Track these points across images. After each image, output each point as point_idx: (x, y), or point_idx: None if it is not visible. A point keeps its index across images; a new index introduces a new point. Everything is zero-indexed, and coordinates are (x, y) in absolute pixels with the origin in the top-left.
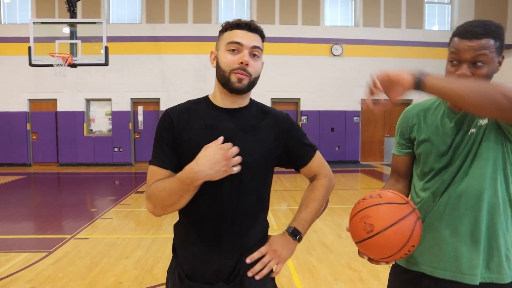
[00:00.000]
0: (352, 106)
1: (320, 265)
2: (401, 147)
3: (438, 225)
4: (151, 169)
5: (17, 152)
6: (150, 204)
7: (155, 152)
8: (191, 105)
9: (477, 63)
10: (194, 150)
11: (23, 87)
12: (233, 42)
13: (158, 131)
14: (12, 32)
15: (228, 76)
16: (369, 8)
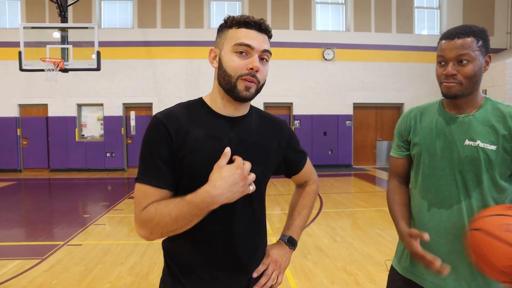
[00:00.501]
0: (344, 110)
1: (316, 269)
2: (400, 149)
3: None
4: (143, 189)
5: (7, 158)
6: (145, 230)
7: (146, 168)
8: (186, 110)
9: (462, 61)
10: (197, 165)
11: (13, 92)
12: (242, 44)
13: (150, 143)
14: (1, 36)
15: (235, 83)
16: (360, 13)
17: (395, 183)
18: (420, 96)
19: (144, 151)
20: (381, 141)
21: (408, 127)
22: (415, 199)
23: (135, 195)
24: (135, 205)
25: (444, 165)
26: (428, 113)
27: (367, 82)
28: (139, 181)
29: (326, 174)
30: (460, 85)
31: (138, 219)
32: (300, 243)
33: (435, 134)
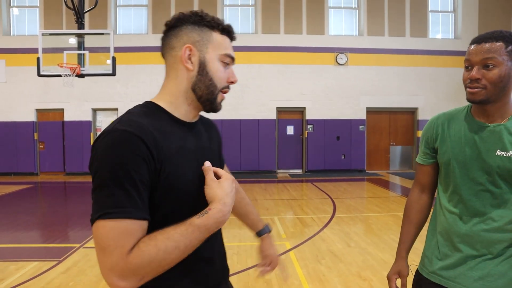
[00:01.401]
0: (357, 115)
1: (330, 274)
2: (425, 156)
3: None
4: (122, 226)
5: (24, 161)
6: (134, 278)
7: (122, 196)
8: (148, 119)
9: (488, 65)
10: (178, 182)
11: (31, 97)
12: (230, 56)
13: (125, 164)
14: (21, 43)
15: (216, 95)
16: (373, 17)
17: (417, 192)
18: (435, 101)
19: (117, 174)
20: (394, 146)
21: (435, 134)
22: (444, 208)
23: (107, 236)
24: (108, 250)
25: (475, 175)
26: (456, 120)
27: (380, 87)
28: (114, 216)
29: (339, 179)
30: (485, 90)
31: (121, 268)
32: (314, 248)
33: (464, 142)
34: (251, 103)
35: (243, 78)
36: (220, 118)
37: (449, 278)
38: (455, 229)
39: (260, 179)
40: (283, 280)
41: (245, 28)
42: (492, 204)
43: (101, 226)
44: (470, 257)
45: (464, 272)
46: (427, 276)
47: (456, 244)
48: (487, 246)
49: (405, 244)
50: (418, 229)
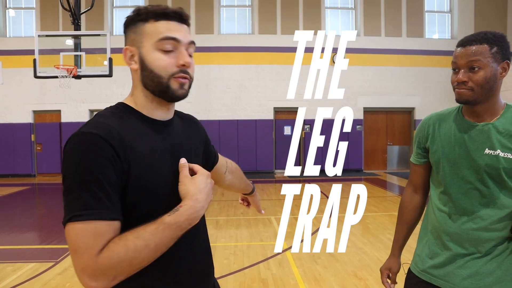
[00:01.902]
0: (354, 115)
1: (326, 273)
2: (417, 156)
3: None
4: (91, 228)
5: (21, 163)
6: (105, 279)
7: (89, 198)
8: (117, 120)
9: (474, 68)
10: (150, 182)
11: (28, 99)
12: (167, 37)
13: (91, 166)
14: (17, 45)
15: (167, 83)
16: (370, 17)
17: (410, 192)
18: (431, 101)
19: (83, 177)
20: (392, 146)
21: (426, 134)
22: (435, 206)
23: (77, 238)
24: (79, 252)
25: (464, 173)
26: (447, 120)
27: (377, 87)
28: (82, 218)
29: (336, 179)
30: (471, 91)
31: (92, 269)
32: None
33: (454, 142)
34: (249, 103)
35: (240, 78)
36: (217, 119)
37: (438, 277)
38: (444, 227)
39: (257, 179)
40: (258, 212)
41: (242, 28)
42: (481, 203)
43: (71, 228)
44: (459, 256)
45: (453, 270)
46: (418, 274)
47: (446, 243)
48: (475, 244)
49: (398, 242)
50: (411, 228)
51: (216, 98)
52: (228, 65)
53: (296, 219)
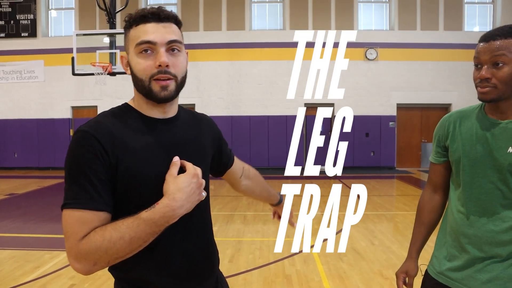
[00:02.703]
0: (387, 111)
1: (351, 271)
2: (437, 155)
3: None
4: (78, 215)
5: (61, 157)
6: (86, 262)
7: (79, 190)
8: (113, 118)
9: (498, 63)
10: (140, 176)
11: (67, 95)
12: (142, 42)
13: (80, 161)
14: (58, 44)
15: (149, 86)
16: (405, 11)
17: (429, 192)
18: (469, 96)
19: (74, 170)
20: (426, 143)
21: (446, 132)
22: (454, 206)
23: (66, 224)
24: (67, 236)
25: (486, 173)
26: (468, 118)
27: (411, 82)
28: (71, 206)
29: (367, 176)
30: (495, 89)
31: (75, 252)
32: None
33: (476, 140)
34: (280, 99)
35: (272, 74)
36: (248, 115)
37: (456, 280)
38: (462, 229)
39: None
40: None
41: (273, 24)
42: (502, 204)
43: (63, 215)
44: (478, 259)
45: (471, 274)
46: (434, 276)
47: (464, 245)
48: (495, 248)
49: (415, 245)
50: (430, 229)
51: (247, 94)
52: (259, 61)
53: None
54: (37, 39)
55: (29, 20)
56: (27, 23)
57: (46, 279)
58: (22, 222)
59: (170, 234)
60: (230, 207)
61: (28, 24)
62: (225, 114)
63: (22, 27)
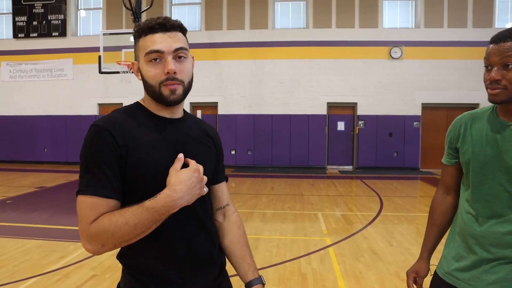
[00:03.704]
0: (412, 111)
1: (368, 272)
2: (448, 156)
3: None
4: (90, 201)
5: None
6: (95, 244)
7: (92, 178)
8: (125, 115)
9: (508, 65)
10: (151, 168)
11: (94, 93)
12: (151, 51)
13: (95, 152)
14: (86, 43)
15: (159, 91)
16: (431, 8)
17: (441, 193)
18: None
19: (88, 160)
20: None
21: (457, 134)
22: (463, 207)
23: (80, 208)
24: (80, 219)
25: (494, 175)
26: (480, 120)
27: (437, 81)
28: (84, 192)
29: (390, 176)
30: (505, 90)
31: (86, 234)
32: (354, 245)
33: (486, 142)
34: (302, 98)
35: (294, 73)
36: (270, 113)
37: (463, 280)
38: (470, 230)
39: (309, 175)
40: None
41: (296, 23)
42: (510, 206)
43: (77, 200)
44: (485, 260)
45: (478, 275)
46: (442, 276)
47: (472, 246)
48: (502, 249)
49: (427, 245)
50: (442, 230)
51: (269, 93)
52: (282, 60)
53: (343, 216)
54: (66, 39)
55: (59, 20)
56: (58, 23)
57: (69, 268)
58: (50, 214)
59: (173, 224)
60: (250, 204)
61: (59, 24)
62: (247, 113)
63: (53, 27)
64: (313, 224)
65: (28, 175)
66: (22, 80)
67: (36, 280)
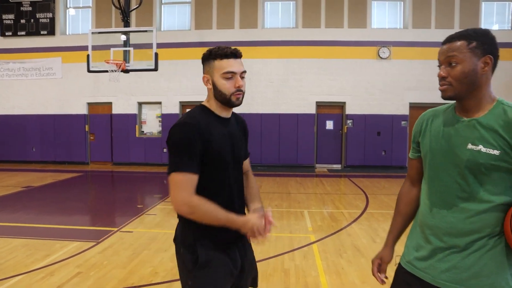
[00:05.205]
0: (400, 110)
1: (349, 268)
2: (412, 150)
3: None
4: (188, 176)
5: (76, 151)
6: (189, 209)
7: (188, 159)
8: (200, 115)
9: (451, 63)
10: (219, 152)
11: (83, 92)
12: (228, 72)
13: (189, 140)
14: (75, 41)
15: (229, 98)
16: (419, 9)
17: (407, 185)
18: None
19: (184, 146)
20: None
21: (419, 129)
22: (422, 199)
23: (179, 180)
24: (179, 189)
25: (447, 167)
26: (440, 115)
27: (425, 81)
28: (182, 169)
29: (378, 175)
30: (451, 86)
31: (187, 201)
32: (338, 242)
33: (442, 136)
34: (291, 97)
35: (283, 73)
36: (259, 112)
37: (420, 269)
38: (426, 220)
39: (297, 173)
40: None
41: (286, 22)
42: (460, 197)
43: (177, 175)
44: (439, 249)
45: (433, 263)
46: (404, 265)
47: (428, 236)
48: (454, 238)
49: (392, 233)
50: (407, 220)
51: (259, 92)
52: (271, 59)
53: (329, 213)
54: (55, 37)
55: (48, 19)
56: (46, 21)
57: (54, 266)
58: (36, 213)
59: (228, 196)
60: None
61: (47, 23)
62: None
63: (42, 25)
64: (298, 221)
65: (16, 175)
66: (10, 79)
67: (20, 278)
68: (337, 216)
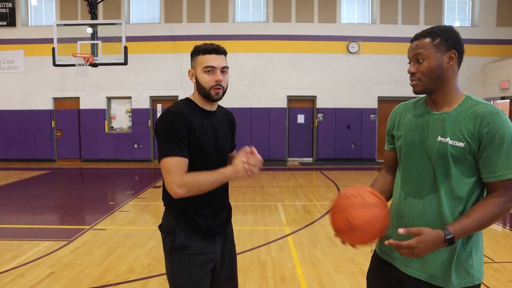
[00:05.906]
0: (369, 104)
1: (324, 258)
2: (387, 142)
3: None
4: (177, 160)
5: (42, 148)
6: (184, 189)
7: (174, 145)
8: (185, 106)
9: (418, 59)
10: (199, 144)
11: (48, 86)
12: (208, 66)
13: (175, 128)
14: (38, 34)
15: (209, 91)
16: (387, 5)
17: (383, 173)
18: None
19: (170, 133)
20: None
21: (393, 123)
22: (396, 188)
23: (169, 165)
24: (171, 173)
25: (420, 159)
26: (412, 109)
27: (393, 76)
28: (171, 154)
29: (348, 167)
30: (420, 81)
31: (180, 182)
32: (312, 233)
33: (415, 129)
34: (262, 91)
35: (254, 66)
36: (231, 106)
37: (386, 252)
38: (399, 208)
39: (270, 167)
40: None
41: (256, 17)
42: (430, 188)
43: (166, 160)
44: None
45: None
46: (377, 250)
47: (398, 225)
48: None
49: None
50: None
51: (230, 86)
52: (242, 53)
53: (302, 206)
54: (16, 29)
55: (7, 9)
56: (6, 11)
57: (25, 267)
58: (2, 213)
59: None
60: None
61: (7, 13)
62: None
63: (1, 15)
64: (273, 214)
65: None
66: None
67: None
68: (310, 208)
